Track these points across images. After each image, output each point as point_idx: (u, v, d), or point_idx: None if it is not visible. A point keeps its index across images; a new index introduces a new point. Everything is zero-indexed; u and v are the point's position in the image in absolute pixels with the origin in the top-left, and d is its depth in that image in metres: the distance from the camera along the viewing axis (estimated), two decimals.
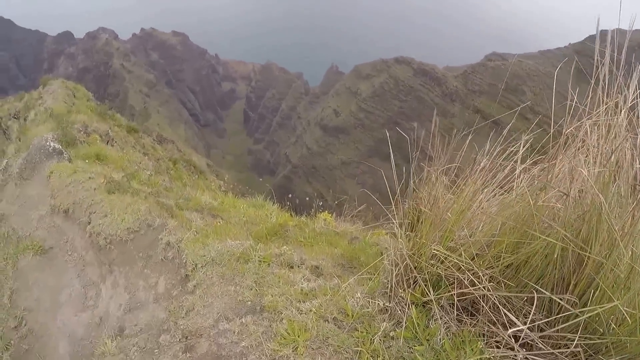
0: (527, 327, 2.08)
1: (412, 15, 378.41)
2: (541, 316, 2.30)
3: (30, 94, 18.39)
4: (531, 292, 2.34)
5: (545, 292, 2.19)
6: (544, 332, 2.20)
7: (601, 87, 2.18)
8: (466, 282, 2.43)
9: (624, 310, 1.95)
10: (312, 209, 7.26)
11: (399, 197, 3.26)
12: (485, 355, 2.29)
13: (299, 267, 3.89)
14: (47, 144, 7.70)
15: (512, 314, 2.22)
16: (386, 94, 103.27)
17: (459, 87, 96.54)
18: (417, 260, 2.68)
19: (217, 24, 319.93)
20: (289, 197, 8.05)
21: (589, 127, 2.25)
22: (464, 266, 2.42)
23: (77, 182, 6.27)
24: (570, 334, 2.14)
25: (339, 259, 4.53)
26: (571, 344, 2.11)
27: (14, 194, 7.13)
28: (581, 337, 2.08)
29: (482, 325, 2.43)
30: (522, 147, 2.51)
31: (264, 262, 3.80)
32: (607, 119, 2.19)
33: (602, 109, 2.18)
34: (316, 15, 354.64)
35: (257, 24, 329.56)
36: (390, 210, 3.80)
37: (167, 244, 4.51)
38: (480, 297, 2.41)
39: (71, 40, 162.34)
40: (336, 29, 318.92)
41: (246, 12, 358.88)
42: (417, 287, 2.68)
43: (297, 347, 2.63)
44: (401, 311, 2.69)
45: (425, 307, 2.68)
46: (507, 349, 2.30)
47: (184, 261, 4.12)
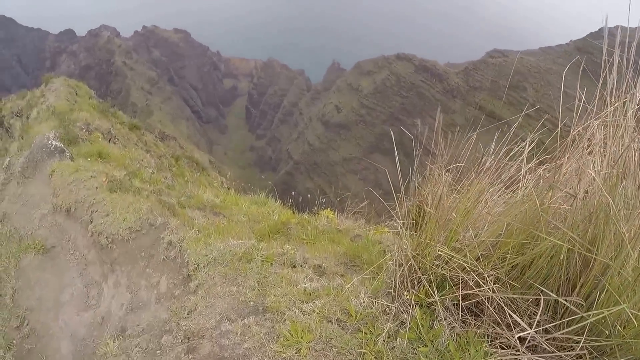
0: (533, 330, 2.06)
1: (413, 15, 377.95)
2: (546, 317, 2.28)
3: (32, 92, 18.36)
4: (536, 293, 2.31)
5: (551, 293, 2.16)
6: (549, 333, 2.18)
7: (609, 86, 2.14)
8: (471, 283, 2.40)
9: (630, 312, 1.92)
10: (314, 206, 7.24)
11: (402, 194, 3.23)
12: (490, 357, 2.27)
13: (301, 266, 3.87)
14: (49, 142, 7.68)
15: (517, 315, 2.19)
16: (387, 90, 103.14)
17: (460, 84, 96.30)
18: (421, 261, 2.66)
19: (218, 23, 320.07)
20: (291, 194, 8.03)
21: (596, 126, 2.21)
22: (469, 267, 2.40)
23: (79, 180, 6.25)
24: (575, 335, 2.11)
25: (341, 258, 4.51)
26: (576, 346, 2.09)
27: (16, 193, 7.13)
28: (587, 339, 2.06)
29: (486, 326, 2.41)
30: (527, 146, 2.48)
31: (266, 261, 3.78)
32: (614, 118, 2.15)
33: (609, 108, 2.15)
34: (317, 15, 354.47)
35: (258, 23, 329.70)
36: (392, 207, 3.77)
37: (168, 244, 4.49)
38: (485, 298, 2.38)
39: (73, 38, 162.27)
40: (337, 29, 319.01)
41: (249, 13, 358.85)
42: (422, 287, 2.65)
43: (300, 349, 2.61)
44: (405, 312, 2.67)
45: (429, 307, 2.65)
46: (511, 349, 2.28)
47: (186, 261, 4.10)
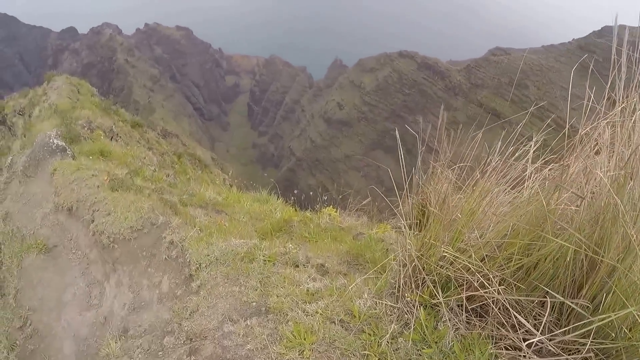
0: (539, 333, 2.03)
1: (415, 16, 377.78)
2: (552, 319, 2.25)
3: (34, 90, 18.36)
4: (542, 294, 2.29)
5: (557, 296, 2.14)
6: (555, 335, 2.15)
7: (617, 86, 2.10)
8: (476, 284, 2.37)
9: (637, 315, 1.89)
10: (316, 204, 7.22)
11: (405, 192, 3.20)
12: (495, 359, 2.25)
13: (304, 265, 3.85)
14: (51, 141, 7.67)
15: (522, 317, 2.17)
16: (390, 88, 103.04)
17: (462, 81, 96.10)
18: (425, 261, 2.63)
19: (220, 22, 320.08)
20: (294, 193, 8.01)
21: (606, 126, 2.17)
22: (474, 268, 2.37)
23: (81, 179, 6.24)
24: (581, 338, 2.08)
25: (344, 256, 4.49)
26: (582, 348, 2.07)
27: (18, 192, 7.12)
28: (593, 342, 2.03)
29: (491, 327, 2.38)
30: (533, 146, 2.44)
31: (268, 261, 3.75)
32: (623, 119, 2.11)
33: (617, 108, 2.11)
34: (319, 16, 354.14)
35: (261, 22, 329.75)
36: (395, 205, 3.74)
37: (170, 243, 4.46)
38: (490, 299, 2.35)
39: (75, 36, 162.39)
40: (338, 30, 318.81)
41: (251, 11, 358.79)
42: (426, 288, 2.63)
43: (304, 351, 2.58)
44: (409, 313, 2.65)
45: (433, 308, 2.63)
46: (516, 351, 2.25)
47: (188, 260, 4.08)
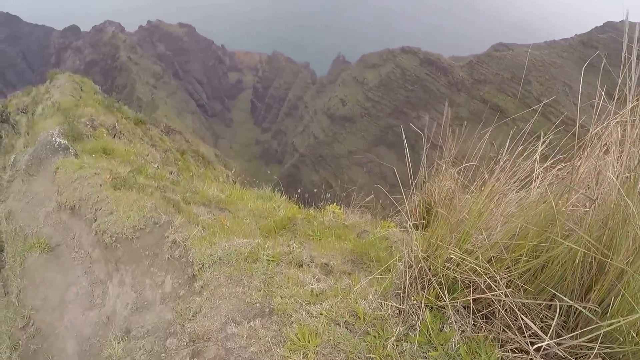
0: (547, 337, 1.97)
1: (416, 13, 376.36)
2: (559, 321, 2.19)
3: (37, 88, 18.39)
4: (549, 296, 2.23)
5: (565, 299, 2.07)
6: (563, 339, 2.08)
7: (627, 85, 2.02)
8: (482, 286, 2.31)
9: None
10: (320, 200, 7.17)
11: (408, 189, 3.14)
12: None
13: (308, 265, 3.79)
14: (53, 139, 7.64)
15: (529, 319, 2.11)
16: (392, 84, 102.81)
17: (465, 77, 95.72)
18: (432, 263, 2.56)
19: (223, 19, 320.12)
20: (298, 192, 7.96)
21: (618, 126, 2.10)
22: (480, 270, 2.30)
23: (83, 178, 6.20)
24: (589, 343, 2.02)
25: (348, 255, 4.43)
26: (590, 352, 2.01)
27: (21, 190, 7.09)
28: (601, 346, 1.97)
29: (497, 330, 2.32)
30: (540, 146, 2.37)
31: (272, 261, 3.69)
32: (633, 118, 2.04)
33: (628, 107, 2.03)
34: (320, 13, 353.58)
35: (263, 20, 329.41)
36: (399, 202, 3.67)
37: (173, 242, 4.41)
38: (497, 301, 2.29)
39: (78, 34, 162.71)
40: (340, 28, 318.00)
41: (253, 10, 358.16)
42: (432, 290, 2.56)
43: (308, 354, 2.53)
44: (415, 314, 2.58)
45: (439, 310, 2.56)
46: (522, 354, 2.20)
47: (191, 260, 4.03)
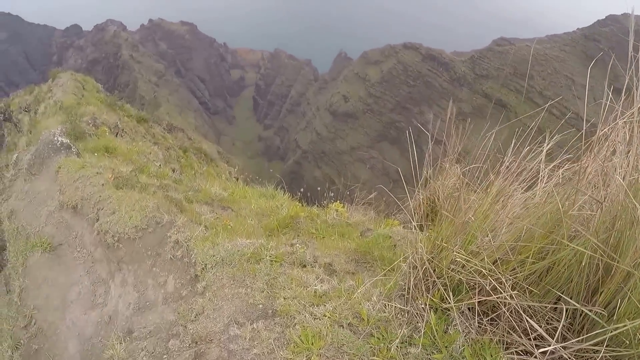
0: (554, 340, 1.94)
1: (417, 12, 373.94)
2: (565, 324, 2.15)
3: (40, 87, 18.39)
4: (554, 298, 2.19)
5: (571, 301, 2.04)
6: (570, 343, 2.05)
7: (635, 84, 1.97)
8: (488, 288, 2.27)
9: None
10: (323, 198, 7.14)
11: (412, 186, 3.11)
12: None
13: (311, 265, 3.77)
14: (55, 138, 7.62)
15: (534, 321, 2.08)
16: (394, 79, 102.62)
17: (467, 72, 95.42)
18: (436, 264, 2.52)
19: (225, 17, 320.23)
20: (301, 190, 7.93)
21: (623, 125, 2.05)
22: (486, 272, 2.27)
23: (86, 177, 6.18)
24: (595, 346, 1.99)
25: (352, 254, 4.40)
26: (595, 356, 1.99)
27: (23, 190, 7.08)
28: (607, 349, 1.94)
29: (502, 332, 2.28)
30: (546, 146, 2.33)
31: (275, 261, 3.66)
32: None
33: (635, 107, 1.99)
34: (322, 12, 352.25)
35: (265, 18, 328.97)
36: (402, 199, 3.63)
37: (175, 242, 4.38)
38: (502, 303, 2.26)
39: (80, 33, 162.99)
40: (341, 27, 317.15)
41: (254, 9, 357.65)
42: (436, 291, 2.52)
43: (311, 356, 2.50)
44: (419, 316, 2.55)
45: (444, 312, 2.53)
46: (527, 355, 2.16)
47: (193, 261, 4.00)
